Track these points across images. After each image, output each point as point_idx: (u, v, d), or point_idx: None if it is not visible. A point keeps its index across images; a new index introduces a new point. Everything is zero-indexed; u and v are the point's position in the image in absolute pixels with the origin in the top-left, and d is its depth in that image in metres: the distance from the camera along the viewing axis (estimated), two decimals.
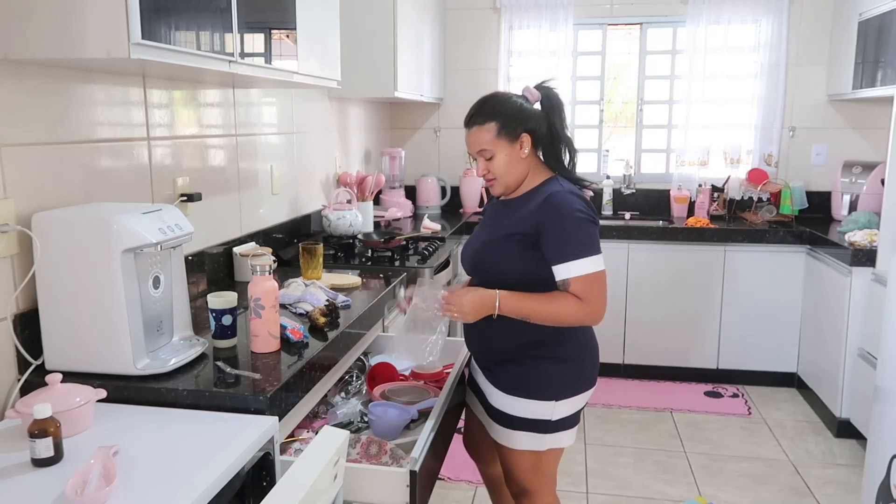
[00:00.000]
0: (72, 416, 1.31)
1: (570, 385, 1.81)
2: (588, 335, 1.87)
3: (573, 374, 1.82)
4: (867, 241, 3.14)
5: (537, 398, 1.78)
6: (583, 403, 1.86)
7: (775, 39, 4.00)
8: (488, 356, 1.88)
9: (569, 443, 1.87)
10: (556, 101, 1.84)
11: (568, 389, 1.80)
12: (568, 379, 1.81)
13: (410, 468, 1.52)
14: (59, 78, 1.64)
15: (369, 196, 3.37)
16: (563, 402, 1.79)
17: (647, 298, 3.91)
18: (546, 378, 1.79)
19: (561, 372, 1.80)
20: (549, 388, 1.78)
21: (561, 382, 1.80)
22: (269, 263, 1.68)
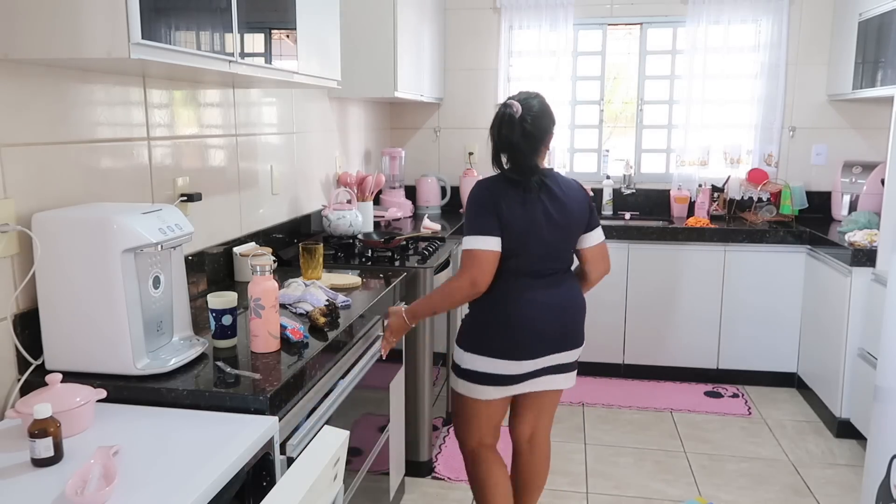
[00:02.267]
0: (72, 416, 1.32)
1: (474, 342, 2.10)
2: (500, 311, 2.07)
3: (479, 335, 2.09)
4: (867, 241, 3.15)
5: (457, 343, 2.17)
6: (487, 367, 2.08)
7: (775, 39, 4.00)
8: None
9: (473, 395, 2.14)
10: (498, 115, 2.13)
11: (471, 345, 2.10)
12: (473, 336, 2.11)
13: None
14: (59, 78, 1.64)
15: (369, 196, 3.37)
16: (468, 355, 2.10)
17: (647, 298, 3.91)
18: (464, 328, 2.15)
19: (470, 328, 2.12)
20: (462, 336, 2.14)
21: (469, 336, 2.11)
22: (269, 263, 1.68)
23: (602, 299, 3.94)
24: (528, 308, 2.05)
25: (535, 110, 2.05)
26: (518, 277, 2.05)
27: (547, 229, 2.04)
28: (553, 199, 2.07)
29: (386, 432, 2.42)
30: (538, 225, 2.03)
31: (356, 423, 2.05)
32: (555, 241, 2.07)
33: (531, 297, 2.05)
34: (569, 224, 2.10)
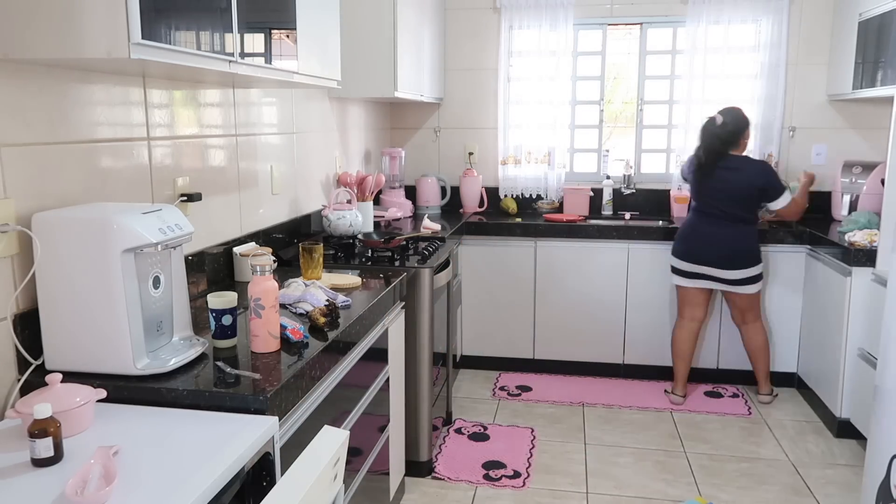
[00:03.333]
0: (72, 416, 1.32)
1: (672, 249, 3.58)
2: (683, 225, 3.55)
3: (673, 243, 3.58)
4: (867, 241, 3.14)
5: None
6: (673, 263, 3.56)
7: (775, 39, 4.00)
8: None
9: (676, 282, 3.59)
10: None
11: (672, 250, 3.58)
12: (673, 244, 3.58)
13: None
14: (59, 78, 1.64)
15: (369, 196, 3.37)
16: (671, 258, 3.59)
17: (648, 298, 3.91)
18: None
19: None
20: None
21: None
22: (269, 263, 1.68)
23: (602, 299, 3.94)
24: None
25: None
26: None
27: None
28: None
29: (386, 432, 2.42)
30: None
31: (356, 423, 2.05)
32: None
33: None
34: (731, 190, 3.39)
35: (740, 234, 3.39)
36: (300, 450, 1.28)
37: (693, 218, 3.48)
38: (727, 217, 3.38)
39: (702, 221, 3.43)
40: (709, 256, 3.40)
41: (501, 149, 4.37)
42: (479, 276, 4.04)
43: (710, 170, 3.38)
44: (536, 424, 3.44)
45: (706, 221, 3.42)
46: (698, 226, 3.44)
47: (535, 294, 4.00)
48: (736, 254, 3.39)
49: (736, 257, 3.39)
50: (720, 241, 3.39)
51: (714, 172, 3.37)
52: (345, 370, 1.94)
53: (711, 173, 3.38)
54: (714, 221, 3.41)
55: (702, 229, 3.43)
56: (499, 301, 4.05)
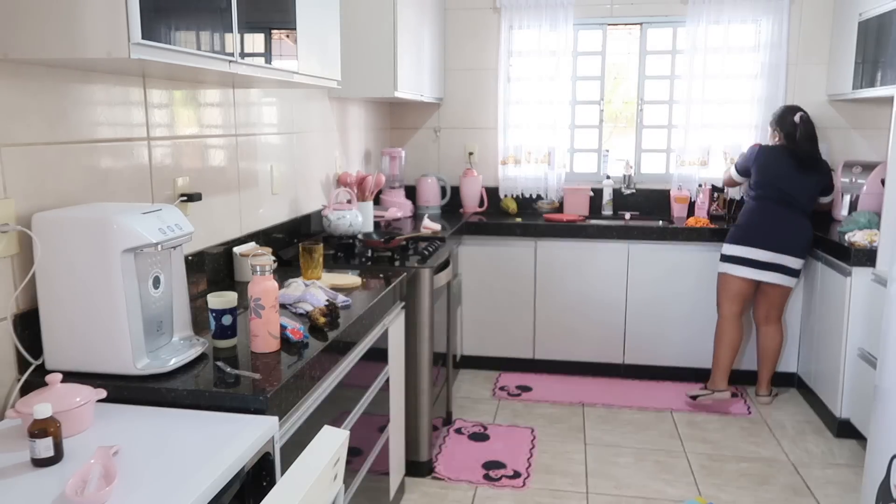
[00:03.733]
0: (72, 416, 1.32)
1: (730, 236, 3.58)
2: (745, 217, 3.58)
3: (734, 232, 3.57)
4: (867, 241, 3.14)
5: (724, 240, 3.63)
6: (731, 251, 3.55)
7: (775, 39, 4.00)
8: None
9: (726, 270, 3.58)
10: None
11: (729, 240, 3.58)
12: (732, 233, 3.58)
13: None
14: (59, 78, 1.64)
15: (369, 196, 3.37)
16: (727, 246, 3.58)
17: (648, 298, 3.91)
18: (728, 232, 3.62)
19: (732, 229, 3.59)
20: (727, 236, 3.61)
21: (729, 235, 3.59)
22: (269, 263, 1.68)
23: (602, 299, 3.94)
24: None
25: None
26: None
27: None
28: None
29: (386, 432, 2.42)
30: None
31: (356, 424, 2.05)
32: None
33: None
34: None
35: (808, 225, 3.52)
36: (300, 450, 1.28)
37: (773, 208, 3.48)
38: (801, 207, 3.50)
39: (783, 211, 3.47)
40: (785, 243, 3.45)
41: (501, 149, 4.37)
42: (479, 276, 4.04)
43: (807, 162, 3.49)
44: (536, 424, 3.44)
45: (786, 211, 3.48)
46: (779, 215, 3.47)
47: (535, 294, 4.00)
48: (804, 242, 3.49)
49: (804, 246, 3.49)
50: (796, 228, 3.47)
51: (806, 164, 3.49)
52: (345, 370, 1.94)
53: (806, 165, 3.49)
54: (793, 211, 3.48)
55: (768, 212, 3.49)
56: (499, 301, 4.05)
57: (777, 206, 3.48)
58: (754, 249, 3.46)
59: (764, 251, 3.45)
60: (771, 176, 3.51)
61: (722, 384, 3.61)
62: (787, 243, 3.45)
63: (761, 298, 3.63)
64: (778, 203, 3.49)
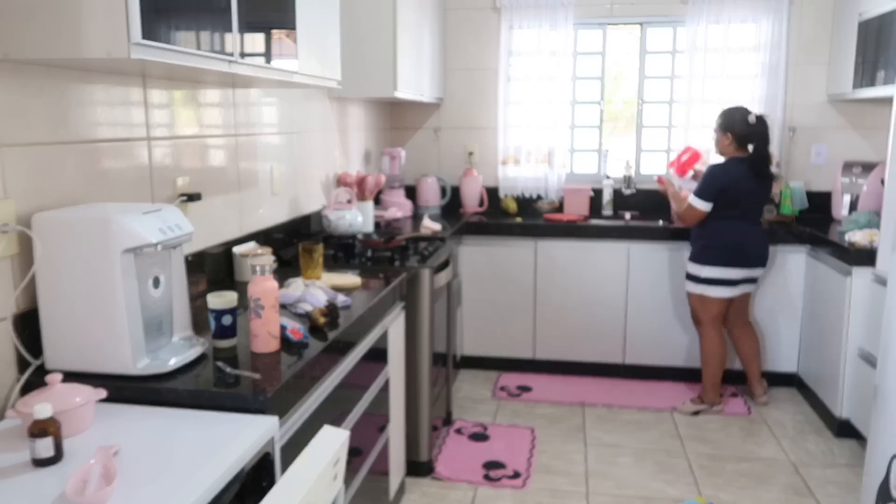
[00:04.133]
0: (72, 416, 1.32)
1: (706, 259, 3.42)
2: (720, 237, 3.39)
3: (709, 254, 3.41)
4: (867, 241, 3.14)
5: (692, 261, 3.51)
6: (712, 274, 3.41)
7: (775, 39, 4.00)
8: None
9: (704, 293, 3.45)
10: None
11: (704, 261, 3.43)
12: (707, 256, 3.42)
13: None
14: (59, 78, 1.64)
15: (369, 196, 3.37)
16: (703, 268, 3.43)
17: (648, 298, 3.91)
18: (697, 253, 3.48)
19: (705, 251, 3.43)
20: (699, 257, 3.47)
21: (702, 257, 3.44)
22: (269, 263, 1.68)
23: (602, 299, 3.94)
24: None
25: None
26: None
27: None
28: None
29: (386, 432, 2.42)
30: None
31: (356, 424, 2.05)
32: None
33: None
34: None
35: (765, 232, 3.56)
36: (300, 450, 1.28)
37: (741, 225, 3.39)
38: (759, 217, 3.53)
39: (749, 226, 3.42)
40: (759, 258, 3.45)
41: (501, 149, 4.37)
42: (479, 276, 4.04)
43: (763, 170, 3.37)
44: (536, 424, 3.44)
45: (751, 225, 3.44)
46: (747, 232, 3.41)
47: (536, 294, 4.00)
48: (768, 251, 3.50)
49: (767, 253, 3.50)
50: (762, 241, 3.46)
51: (763, 172, 3.38)
52: (345, 370, 1.94)
53: (763, 173, 3.38)
54: (754, 224, 3.46)
55: (751, 233, 3.42)
56: (499, 301, 4.05)
57: (749, 224, 3.43)
58: (734, 269, 3.40)
59: (742, 269, 3.41)
60: (743, 192, 3.35)
61: (717, 398, 3.58)
62: (761, 258, 3.46)
63: (731, 306, 3.58)
64: (748, 220, 3.43)
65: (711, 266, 3.40)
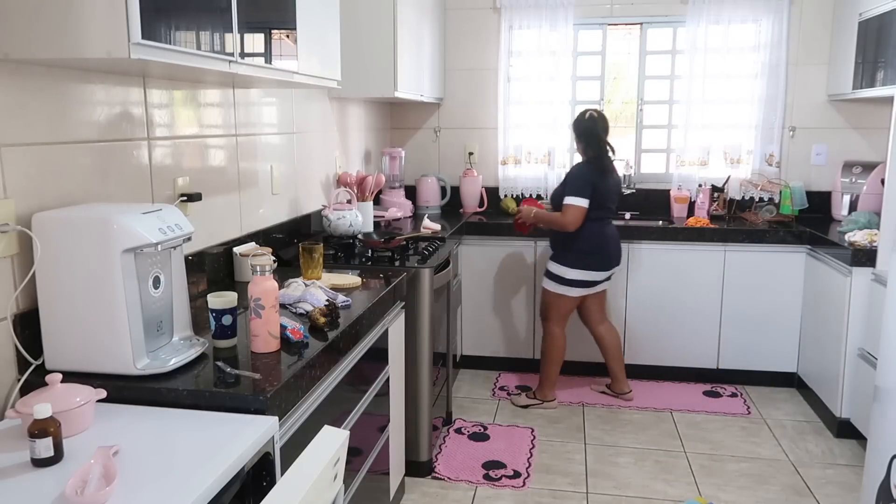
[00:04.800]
0: (72, 416, 1.32)
1: (574, 262, 3.40)
2: (590, 241, 3.38)
3: (573, 258, 3.40)
4: (867, 241, 3.14)
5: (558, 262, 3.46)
6: (576, 276, 3.41)
7: (775, 39, 4.00)
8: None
9: (565, 293, 3.46)
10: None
11: (570, 264, 3.41)
12: (575, 259, 3.40)
13: None
14: (59, 78, 1.64)
15: (369, 196, 3.37)
16: (568, 270, 3.42)
17: (647, 298, 3.91)
18: (563, 254, 3.44)
19: (574, 255, 3.40)
20: (563, 259, 3.44)
21: (567, 259, 3.42)
22: (269, 263, 1.68)
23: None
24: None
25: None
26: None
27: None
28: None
29: (386, 432, 2.42)
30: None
31: (356, 424, 2.05)
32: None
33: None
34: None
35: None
36: (300, 450, 1.28)
37: (607, 227, 3.44)
38: (614, 215, 3.56)
39: (608, 226, 3.45)
40: (618, 258, 3.51)
41: (501, 149, 4.37)
42: (479, 276, 4.04)
43: (610, 166, 3.41)
44: (536, 424, 3.44)
45: (609, 225, 3.47)
46: (611, 233, 3.46)
47: (535, 294, 4.00)
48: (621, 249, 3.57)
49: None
50: (618, 239, 3.52)
51: (610, 168, 3.42)
52: (345, 370, 1.94)
53: (610, 169, 3.41)
54: (610, 222, 3.49)
55: (611, 233, 3.47)
56: (499, 301, 4.05)
57: (610, 224, 3.47)
58: (601, 273, 3.45)
59: (607, 272, 3.48)
60: (605, 191, 3.36)
61: (552, 394, 3.64)
62: (619, 258, 3.53)
63: (592, 304, 3.62)
64: (610, 220, 3.47)
65: (579, 269, 3.41)
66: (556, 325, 3.57)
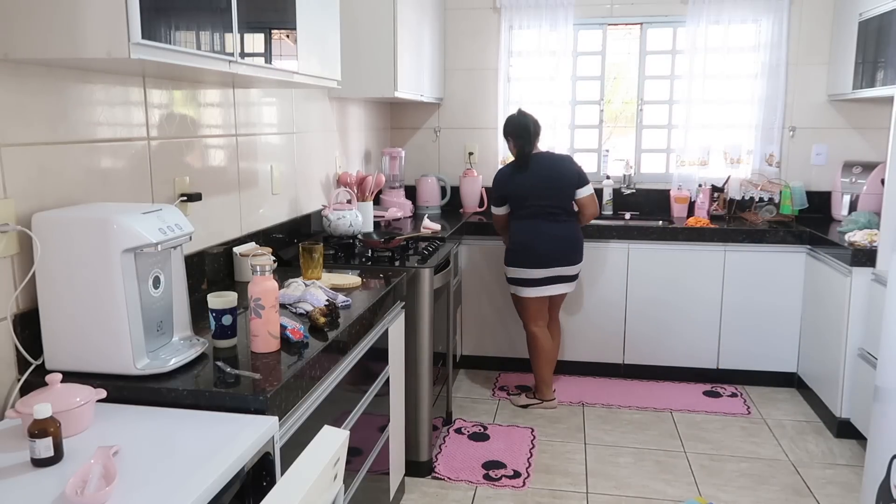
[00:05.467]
0: (72, 416, 1.32)
1: (508, 260, 3.49)
2: (513, 238, 3.45)
3: (509, 255, 3.48)
4: (867, 241, 3.15)
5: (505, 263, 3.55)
6: (517, 274, 3.45)
7: (775, 39, 4.00)
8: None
9: (522, 294, 3.48)
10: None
11: (508, 262, 3.49)
12: (507, 257, 3.49)
13: None
14: (59, 78, 1.64)
15: (369, 196, 3.37)
16: (508, 268, 3.50)
17: (647, 298, 3.91)
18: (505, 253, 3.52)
19: (507, 253, 3.50)
20: (505, 258, 3.52)
21: (506, 258, 3.50)
22: (269, 263, 1.68)
23: (602, 299, 3.94)
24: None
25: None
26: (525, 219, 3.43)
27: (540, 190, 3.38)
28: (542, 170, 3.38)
29: (386, 432, 2.42)
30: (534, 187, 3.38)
31: (356, 423, 2.05)
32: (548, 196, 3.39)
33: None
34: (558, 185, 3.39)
35: (576, 228, 3.46)
36: (300, 450, 1.28)
37: (527, 224, 3.40)
38: (563, 213, 3.41)
39: (539, 224, 3.38)
40: (556, 256, 3.40)
41: (501, 149, 4.37)
42: (479, 276, 4.04)
43: (527, 168, 3.37)
44: (536, 424, 3.44)
45: (544, 223, 3.39)
46: (538, 228, 3.38)
47: None
48: (578, 248, 3.47)
49: (578, 251, 3.47)
50: (564, 237, 3.40)
51: (531, 170, 3.37)
52: (345, 370, 1.94)
53: (530, 171, 3.37)
54: (550, 221, 3.39)
55: (543, 230, 3.38)
56: (499, 301, 4.05)
57: (541, 221, 3.38)
58: (532, 270, 3.40)
59: (539, 269, 3.40)
60: (526, 191, 3.37)
61: (550, 394, 3.62)
62: (556, 257, 3.39)
63: (548, 305, 3.62)
64: (540, 217, 3.38)
65: (513, 267, 3.46)
66: (531, 325, 3.56)
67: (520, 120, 3.41)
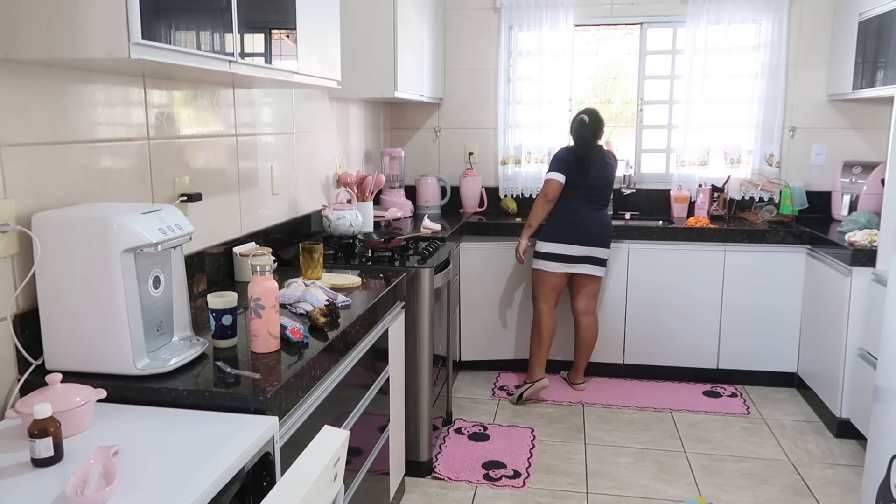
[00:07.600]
0: (72, 416, 1.32)
1: (545, 236, 3.66)
2: (560, 215, 3.64)
3: (548, 231, 3.65)
4: (867, 241, 3.15)
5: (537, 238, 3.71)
6: (553, 249, 3.63)
7: (775, 39, 4.00)
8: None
9: (549, 269, 3.65)
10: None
11: (545, 238, 3.66)
12: (546, 233, 3.66)
13: None
14: (59, 78, 1.64)
15: (369, 196, 3.37)
16: (543, 244, 3.66)
17: (647, 298, 3.91)
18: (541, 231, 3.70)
19: (547, 228, 3.67)
20: (540, 235, 3.69)
21: (543, 234, 3.67)
22: (269, 263, 1.68)
23: (602, 299, 3.94)
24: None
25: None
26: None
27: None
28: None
29: (386, 432, 2.42)
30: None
31: (356, 423, 2.05)
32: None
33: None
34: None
35: (609, 217, 3.74)
36: (300, 450, 1.28)
37: (577, 204, 3.62)
38: (604, 202, 3.69)
39: (586, 207, 3.62)
40: (596, 237, 3.62)
41: (501, 149, 4.37)
42: (479, 276, 4.04)
43: (588, 160, 3.60)
44: (536, 424, 3.44)
45: (588, 207, 3.63)
46: (587, 211, 3.62)
47: None
48: (610, 233, 3.69)
49: (609, 236, 3.69)
50: (603, 222, 3.66)
51: (591, 163, 3.61)
52: (345, 370, 1.94)
53: (590, 163, 3.60)
54: (596, 208, 3.64)
55: (590, 215, 3.62)
56: (499, 301, 4.05)
57: (588, 206, 3.62)
58: (571, 246, 3.60)
59: (586, 248, 3.61)
60: (581, 175, 3.59)
61: (540, 374, 3.71)
62: (603, 238, 3.63)
63: (580, 291, 3.74)
64: (588, 201, 3.61)
65: (552, 242, 3.63)
66: (542, 303, 3.69)
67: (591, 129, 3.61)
